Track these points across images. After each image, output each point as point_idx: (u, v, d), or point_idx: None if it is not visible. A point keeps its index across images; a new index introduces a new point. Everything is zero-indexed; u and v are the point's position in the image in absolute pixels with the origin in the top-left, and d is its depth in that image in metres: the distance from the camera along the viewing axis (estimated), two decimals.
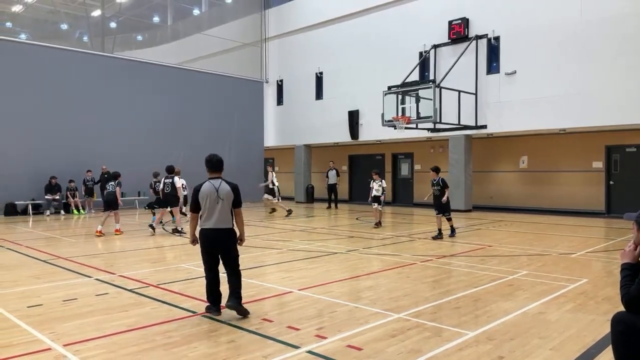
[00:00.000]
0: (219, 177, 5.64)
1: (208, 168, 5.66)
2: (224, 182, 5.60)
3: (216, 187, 5.52)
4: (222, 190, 5.52)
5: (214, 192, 5.49)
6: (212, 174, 5.64)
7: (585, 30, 15.82)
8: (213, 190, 5.50)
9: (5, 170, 17.38)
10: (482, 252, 9.74)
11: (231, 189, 5.58)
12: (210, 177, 5.63)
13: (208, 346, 4.53)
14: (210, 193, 5.48)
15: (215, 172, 5.64)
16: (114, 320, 5.33)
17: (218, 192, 5.49)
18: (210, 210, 5.46)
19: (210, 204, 5.46)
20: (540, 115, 16.82)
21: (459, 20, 18.63)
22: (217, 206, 5.46)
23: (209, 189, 5.50)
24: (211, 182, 5.58)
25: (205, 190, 5.50)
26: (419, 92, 16.83)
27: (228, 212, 5.52)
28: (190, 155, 22.46)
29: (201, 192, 5.50)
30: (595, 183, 17.82)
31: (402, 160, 23.79)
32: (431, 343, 4.59)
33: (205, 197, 5.48)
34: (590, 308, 5.77)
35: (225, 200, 5.50)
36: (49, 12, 25.93)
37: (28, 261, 8.96)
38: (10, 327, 5.10)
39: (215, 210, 5.45)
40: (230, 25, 26.47)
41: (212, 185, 5.54)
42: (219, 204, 5.46)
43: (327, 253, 9.72)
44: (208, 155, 5.74)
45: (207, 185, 5.54)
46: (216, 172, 5.64)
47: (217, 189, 5.51)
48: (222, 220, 5.47)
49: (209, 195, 5.48)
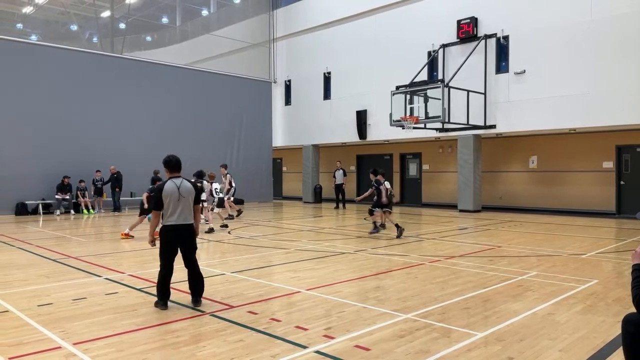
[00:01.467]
0: (179, 176, 5.97)
1: (168, 169, 5.99)
2: (185, 181, 5.96)
3: (177, 185, 5.85)
4: (183, 188, 5.86)
5: (176, 190, 5.81)
6: (172, 173, 5.97)
7: (595, 29, 15.69)
8: (175, 188, 5.82)
9: (16, 170, 17.55)
10: (491, 253, 9.69)
11: (192, 186, 5.96)
12: (171, 177, 5.95)
13: (216, 345, 4.54)
14: (173, 191, 5.80)
15: (174, 172, 5.97)
16: (123, 319, 5.36)
17: (180, 190, 5.82)
18: (174, 207, 5.79)
19: (174, 202, 5.79)
20: (550, 115, 16.70)
21: (467, 20, 18.55)
22: (180, 203, 5.80)
23: (171, 188, 5.82)
24: (173, 181, 5.90)
25: (168, 189, 5.82)
26: (428, 92, 16.77)
27: (190, 209, 5.90)
28: (199, 155, 22.60)
29: (164, 191, 5.80)
30: (606, 183, 17.67)
31: (410, 160, 23.73)
32: (439, 344, 4.57)
33: (168, 196, 5.79)
34: (601, 309, 5.72)
35: (186, 197, 5.86)
36: (59, 13, 26.14)
37: (38, 260, 9.04)
38: (20, 325, 5.14)
39: (178, 207, 5.79)
40: (238, 25, 26.55)
41: (174, 184, 5.86)
42: (181, 202, 5.81)
43: (335, 253, 9.72)
44: (167, 156, 6.03)
45: (169, 184, 5.85)
46: (175, 171, 5.98)
47: (179, 187, 5.84)
48: (184, 216, 5.84)
49: (172, 194, 5.79)
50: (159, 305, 5.77)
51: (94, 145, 19.45)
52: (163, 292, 5.80)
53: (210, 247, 10.64)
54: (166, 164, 5.97)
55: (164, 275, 5.81)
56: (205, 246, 10.78)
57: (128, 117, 20.58)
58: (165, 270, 5.82)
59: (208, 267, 8.22)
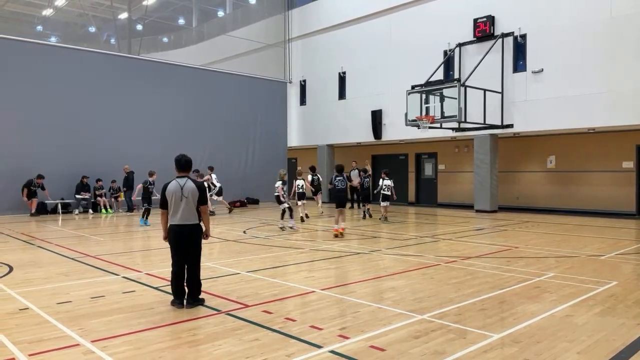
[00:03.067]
0: (186, 176, 5.96)
1: (177, 168, 5.99)
2: (190, 181, 5.91)
3: (181, 185, 5.84)
4: (186, 188, 5.84)
5: (178, 190, 5.82)
6: (180, 173, 5.97)
7: (614, 26, 15.44)
8: (178, 188, 5.83)
9: (36, 170, 17.83)
10: (508, 254, 9.59)
11: (196, 187, 5.89)
12: (178, 176, 5.96)
13: (232, 344, 4.57)
14: (176, 191, 5.82)
15: (182, 171, 5.97)
16: (141, 317, 5.42)
17: (182, 190, 5.81)
18: (176, 207, 5.81)
19: (176, 201, 5.80)
20: (568, 114, 16.47)
21: (484, 18, 18.38)
22: (182, 203, 5.80)
23: (174, 187, 5.85)
24: (177, 180, 5.91)
25: (172, 188, 5.85)
26: (443, 91, 16.65)
27: (193, 209, 5.85)
28: (214, 155, 22.77)
29: (167, 189, 5.86)
30: (626, 183, 17.37)
31: (426, 160, 23.60)
32: (455, 345, 4.54)
33: (171, 195, 5.83)
34: (620, 311, 5.63)
35: (189, 197, 5.82)
36: (78, 15, 26.55)
37: (58, 259, 9.19)
38: (40, 322, 5.23)
39: (179, 207, 5.79)
40: (254, 26, 26.69)
41: (177, 183, 5.87)
42: (182, 201, 5.80)
43: (350, 253, 9.71)
44: (178, 155, 6.04)
45: (173, 184, 5.88)
46: (183, 171, 5.98)
47: (182, 187, 5.82)
48: (186, 216, 5.81)
49: (174, 193, 5.82)
50: (175, 304, 5.84)
51: (111, 145, 19.70)
52: (177, 291, 5.86)
53: (225, 247, 10.70)
54: (176, 162, 6.00)
55: (174, 273, 5.87)
56: (220, 246, 10.85)
57: (145, 118, 20.81)
58: (175, 269, 5.86)
59: (223, 267, 8.28)
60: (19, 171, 17.64)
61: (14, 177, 17.65)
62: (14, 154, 17.71)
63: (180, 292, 5.85)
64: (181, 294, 5.85)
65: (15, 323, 5.21)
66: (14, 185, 17.65)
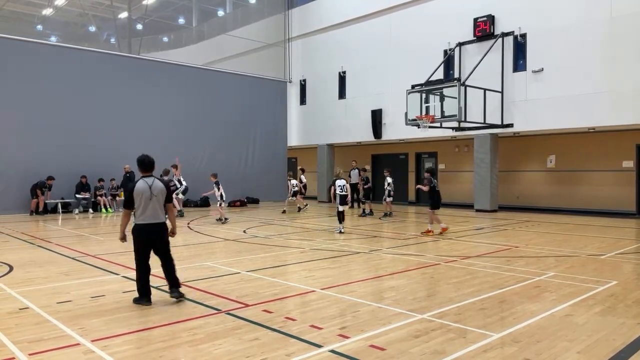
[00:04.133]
0: (151, 176, 6.09)
1: (141, 168, 6.09)
2: (157, 180, 6.06)
3: (149, 184, 5.95)
4: (155, 187, 5.97)
5: (147, 189, 5.92)
6: (145, 173, 6.07)
7: (614, 26, 15.43)
8: (147, 187, 5.93)
9: (35, 170, 17.84)
10: (508, 253, 9.59)
11: (164, 186, 6.08)
12: (144, 176, 6.05)
13: (232, 343, 4.58)
14: (145, 190, 5.91)
15: (147, 171, 6.08)
16: (141, 316, 5.43)
17: (151, 190, 5.93)
18: (145, 206, 5.89)
19: (145, 201, 5.89)
20: (569, 114, 16.47)
21: (484, 18, 18.38)
22: (151, 202, 5.91)
23: (143, 187, 5.93)
24: (145, 180, 6.00)
25: (140, 188, 5.92)
26: (444, 91, 16.66)
27: (161, 208, 6.01)
28: (214, 154, 22.77)
29: (136, 189, 5.92)
30: (626, 183, 17.37)
31: (426, 159, 23.60)
32: (455, 344, 4.54)
33: (140, 194, 5.90)
34: (620, 311, 5.63)
35: (158, 196, 5.96)
36: (78, 15, 26.55)
37: (58, 258, 9.19)
38: (40, 322, 5.24)
39: (148, 206, 5.90)
40: (254, 25, 26.68)
41: (145, 183, 5.97)
42: (152, 200, 5.92)
43: (350, 252, 9.71)
44: (141, 156, 6.15)
45: (141, 183, 5.96)
46: (148, 171, 6.09)
47: (151, 187, 5.94)
48: (155, 215, 5.95)
49: (143, 193, 5.90)
50: (141, 302, 5.87)
51: (111, 145, 19.70)
52: (144, 290, 5.92)
53: (225, 247, 10.71)
54: (140, 163, 6.08)
55: (140, 273, 5.93)
56: (220, 245, 10.85)
57: (145, 117, 20.80)
58: (142, 267, 5.94)
59: (223, 266, 8.29)
60: (19, 171, 17.66)
61: (14, 176, 17.67)
62: (14, 154, 17.71)
63: (148, 290, 5.93)
64: (149, 291, 5.93)
65: (15, 322, 5.21)
66: (14, 185, 17.66)
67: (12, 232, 13.00)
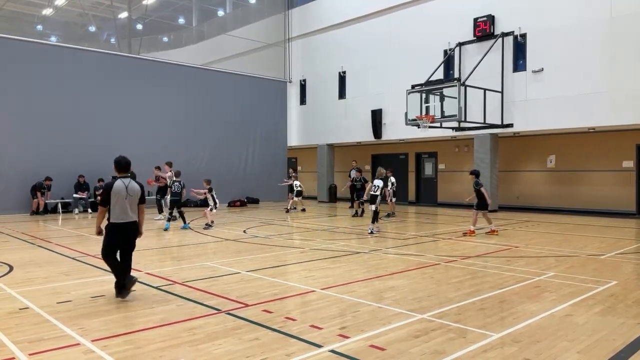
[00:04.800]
0: (127, 176, 6.31)
1: (117, 169, 6.31)
2: (133, 181, 6.32)
3: (126, 185, 6.20)
4: (131, 188, 6.23)
5: (123, 189, 6.16)
6: (121, 173, 6.30)
7: (614, 26, 15.43)
8: (123, 187, 6.17)
9: (35, 169, 17.85)
10: (509, 253, 9.60)
11: (139, 187, 6.34)
12: (120, 176, 6.27)
13: (232, 343, 4.57)
14: (121, 190, 6.14)
15: (123, 172, 6.32)
16: (141, 316, 5.43)
17: (127, 190, 6.17)
18: (121, 205, 6.13)
19: (120, 200, 6.12)
20: (569, 114, 16.47)
21: (484, 18, 18.38)
22: (126, 202, 6.16)
23: (119, 187, 6.16)
24: (122, 180, 6.23)
25: (117, 188, 6.15)
26: (444, 91, 16.66)
27: (135, 208, 6.28)
28: (214, 154, 22.78)
29: (113, 189, 6.14)
30: (626, 183, 17.37)
31: (426, 159, 23.60)
32: (455, 344, 4.54)
33: (116, 194, 6.12)
34: (620, 311, 5.63)
35: (133, 196, 6.23)
36: (78, 15, 26.54)
37: (58, 258, 9.19)
38: (40, 322, 5.23)
39: (125, 205, 6.15)
40: (254, 25, 26.68)
41: (122, 183, 6.20)
42: (127, 200, 6.17)
43: (350, 252, 9.71)
44: (117, 157, 6.37)
45: (118, 183, 6.18)
46: (124, 172, 6.32)
47: (127, 187, 6.19)
48: (131, 214, 6.23)
49: (119, 192, 6.13)
50: (123, 295, 6.13)
51: (111, 145, 19.62)
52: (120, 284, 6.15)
53: (225, 247, 10.71)
54: (116, 164, 6.30)
55: (115, 268, 6.19)
56: (221, 245, 10.86)
57: (145, 117, 20.81)
58: (115, 262, 6.20)
59: (223, 266, 8.29)
60: (19, 170, 17.66)
61: (14, 176, 17.67)
62: (13, 154, 17.71)
63: (123, 277, 6.17)
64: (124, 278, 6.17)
65: (16, 322, 5.21)
66: (14, 185, 17.67)
67: (12, 232, 13.00)
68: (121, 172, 6.29)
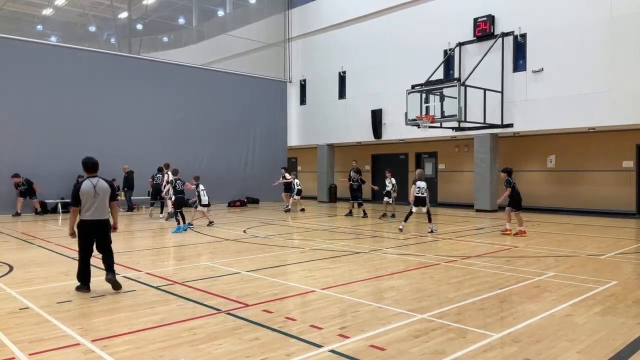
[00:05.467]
0: (96, 176, 6.59)
1: (85, 169, 6.63)
2: (101, 180, 6.58)
3: (94, 184, 6.48)
4: (99, 187, 6.50)
5: (92, 188, 6.44)
6: (89, 173, 6.60)
7: (614, 26, 15.43)
8: (91, 187, 6.45)
9: (36, 170, 17.85)
10: (508, 253, 9.60)
11: (109, 186, 6.59)
12: (89, 176, 6.57)
13: (232, 343, 4.58)
14: (89, 189, 6.43)
15: (91, 172, 6.60)
16: (141, 316, 5.43)
17: (95, 189, 6.45)
18: (90, 204, 6.41)
19: (89, 199, 6.40)
20: (569, 114, 16.47)
21: (484, 18, 18.38)
22: (95, 200, 6.43)
23: (88, 186, 6.45)
24: (90, 180, 6.53)
25: (85, 187, 6.44)
26: (444, 91, 16.66)
27: (105, 205, 6.55)
28: (214, 154, 22.78)
29: (82, 189, 6.42)
30: (626, 183, 17.37)
31: (426, 159, 23.60)
32: (455, 344, 4.54)
33: (85, 193, 6.41)
34: (620, 311, 5.63)
35: (101, 195, 6.49)
36: (78, 15, 26.55)
37: (58, 258, 9.19)
38: (40, 322, 5.24)
39: (93, 204, 6.42)
40: (254, 25, 26.69)
41: (90, 182, 6.49)
42: (96, 199, 6.43)
43: (350, 252, 9.71)
44: (84, 158, 6.66)
45: (86, 183, 6.48)
46: (92, 172, 6.60)
47: (95, 186, 6.46)
48: (99, 212, 6.48)
49: (88, 192, 6.41)
50: (82, 289, 6.47)
51: (112, 144, 19.68)
52: (84, 279, 6.53)
53: (225, 246, 10.71)
54: (84, 165, 6.60)
55: (82, 264, 6.52)
56: (220, 245, 10.85)
57: (145, 117, 20.81)
58: (83, 259, 6.54)
59: (223, 266, 8.29)
60: (18, 170, 17.62)
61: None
62: (13, 154, 17.71)
63: (87, 278, 6.53)
64: (87, 279, 6.53)
65: (16, 322, 5.21)
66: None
67: (12, 232, 13.01)
68: (89, 172, 6.57)
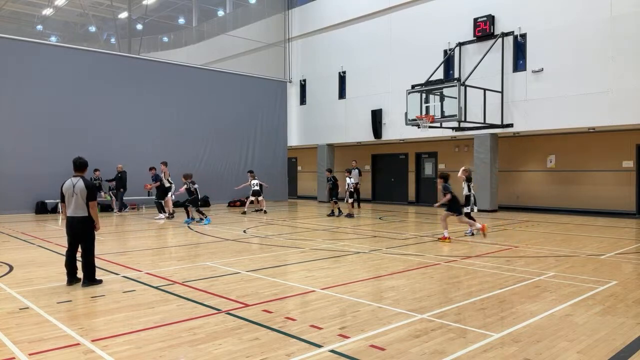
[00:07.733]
0: (80, 176, 6.97)
1: (73, 168, 7.01)
2: (81, 180, 6.92)
3: (74, 183, 6.87)
4: (77, 186, 6.86)
5: (71, 187, 6.85)
6: (75, 172, 7.01)
7: (614, 26, 15.44)
8: (71, 186, 6.86)
9: (35, 169, 17.86)
10: (508, 253, 9.60)
11: (85, 186, 6.86)
12: (74, 175, 6.98)
13: (232, 343, 4.57)
14: (69, 188, 6.87)
15: (77, 171, 7.02)
16: (141, 316, 5.42)
17: (74, 188, 6.84)
18: (69, 201, 6.87)
19: (68, 197, 6.86)
20: (569, 114, 16.47)
21: (484, 18, 18.38)
22: (73, 199, 6.83)
23: (68, 185, 6.90)
24: (72, 179, 6.94)
25: (66, 185, 6.92)
26: (444, 91, 16.66)
27: (82, 204, 6.85)
28: (214, 154, 22.77)
29: (63, 187, 6.93)
30: (626, 183, 17.38)
31: (426, 159, 23.60)
32: (455, 344, 4.54)
33: (65, 191, 6.89)
34: (620, 311, 5.63)
35: (79, 194, 6.83)
36: (78, 15, 26.57)
37: (58, 258, 9.18)
38: (40, 322, 5.23)
39: (72, 201, 6.84)
40: (254, 25, 26.70)
41: (71, 182, 6.91)
42: (74, 197, 6.83)
43: (350, 252, 9.71)
44: (74, 158, 7.05)
45: (67, 182, 6.94)
46: (78, 171, 7.02)
47: (74, 185, 6.85)
48: (76, 210, 6.84)
49: (67, 190, 6.88)
50: (68, 282, 6.85)
51: (112, 144, 19.72)
52: (69, 271, 6.88)
53: (225, 246, 10.71)
54: (73, 164, 7.01)
55: (66, 257, 6.92)
56: (220, 245, 10.86)
57: (145, 117, 20.82)
58: (67, 252, 6.94)
59: (223, 266, 8.29)
60: (19, 170, 17.66)
61: (14, 176, 17.66)
62: (13, 154, 17.71)
63: (72, 272, 6.88)
64: (73, 273, 6.89)
65: (16, 322, 5.21)
66: (14, 184, 17.66)
67: (12, 232, 13.01)
68: (76, 172, 6.98)
